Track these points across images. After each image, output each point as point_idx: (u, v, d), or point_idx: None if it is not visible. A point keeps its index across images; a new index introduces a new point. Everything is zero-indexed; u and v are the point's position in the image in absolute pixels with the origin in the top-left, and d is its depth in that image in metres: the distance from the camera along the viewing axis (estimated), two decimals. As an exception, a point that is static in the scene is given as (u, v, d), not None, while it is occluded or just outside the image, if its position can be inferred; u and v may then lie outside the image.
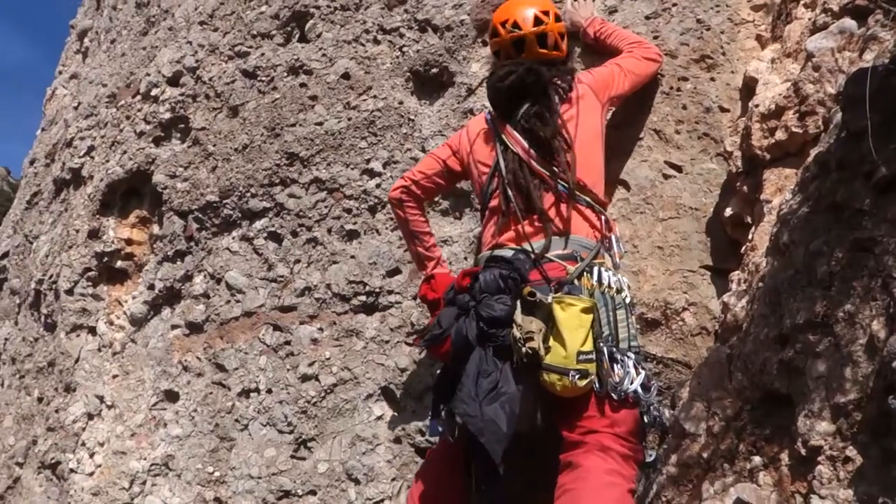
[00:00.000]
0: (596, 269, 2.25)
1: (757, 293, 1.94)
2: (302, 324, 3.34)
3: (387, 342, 3.12)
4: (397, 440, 2.96)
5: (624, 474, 2.00)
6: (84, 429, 3.87)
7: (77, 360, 4.12)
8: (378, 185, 3.33)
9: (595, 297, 2.17)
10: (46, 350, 4.44)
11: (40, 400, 4.34)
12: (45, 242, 4.93)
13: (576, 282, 2.20)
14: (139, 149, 4.24)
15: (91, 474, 3.71)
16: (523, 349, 2.04)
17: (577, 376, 2.03)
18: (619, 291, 2.24)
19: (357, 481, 2.96)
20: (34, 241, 5.25)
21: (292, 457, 3.14)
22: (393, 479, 2.90)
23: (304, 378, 3.22)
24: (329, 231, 3.41)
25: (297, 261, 3.45)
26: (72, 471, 3.78)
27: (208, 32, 4.14)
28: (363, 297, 3.22)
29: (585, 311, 2.09)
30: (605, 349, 2.11)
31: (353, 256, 3.31)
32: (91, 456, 3.75)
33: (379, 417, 3.03)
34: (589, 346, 2.07)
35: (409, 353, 3.04)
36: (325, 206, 3.45)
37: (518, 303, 2.12)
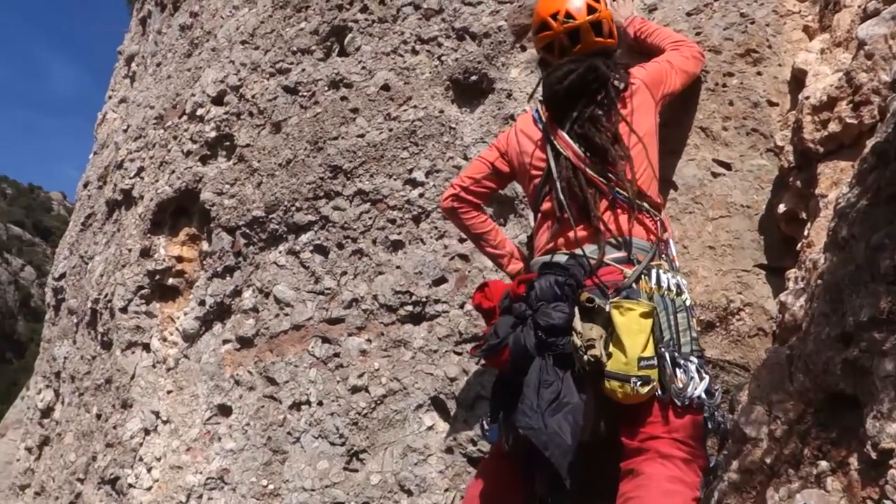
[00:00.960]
0: (654, 272, 2.19)
1: (816, 291, 1.87)
2: (350, 335, 3.36)
3: (435, 351, 3.10)
4: (449, 450, 2.94)
5: (686, 481, 1.94)
6: (141, 444, 3.95)
7: (133, 377, 4.21)
8: (421, 195, 3.33)
9: (654, 301, 2.12)
10: (103, 367, 4.55)
11: (99, 416, 4.44)
12: (100, 262, 5.07)
13: (634, 285, 2.15)
14: (187, 168, 4.33)
15: (149, 489, 3.79)
16: (585, 357, 1.98)
17: (638, 383, 1.98)
18: (678, 294, 2.18)
19: (410, 492, 2.95)
20: (89, 261, 5.40)
21: (345, 469, 3.15)
22: (446, 490, 2.88)
23: (354, 389, 3.23)
24: (374, 242, 3.42)
25: (344, 273, 3.47)
26: (130, 486, 3.86)
27: (250, 51, 4.22)
28: (410, 307, 3.22)
29: (645, 315, 2.04)
30: (667, 354, 2.06)
31: (398, 267, 3.31)
32: (148, 471, 3.83)
33: (430, 428, 3.02)
34: (650, 352, 2.02)
35: (458, 363, 3.02)
36: (370, 218, 3.46)
37: (576, 310, 2.07)
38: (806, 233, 2.21)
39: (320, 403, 3.32)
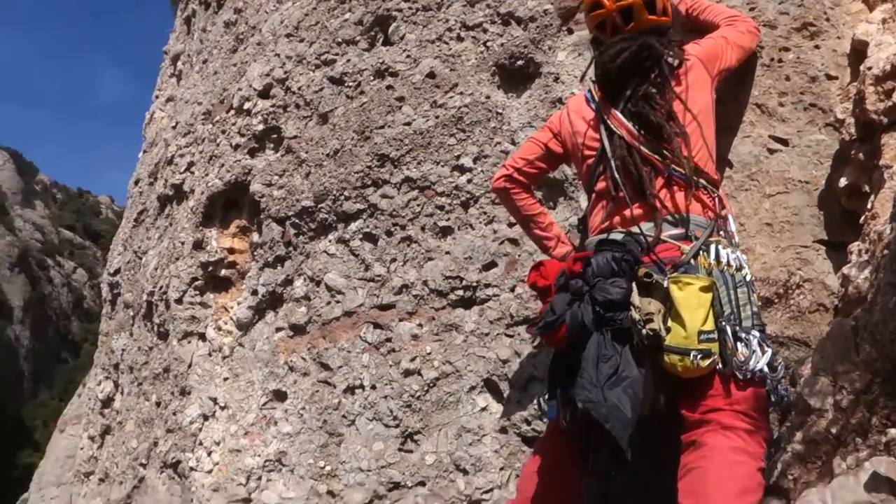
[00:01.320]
0: (713, 248, 2.18)
1: (882, 261, 1.85)
2: (401, 321, 3.40)
3: (486, 335, 3.13)
4: (503, 430, 2.96)
5: (750, 451, 1.93)
6: (201, 429, 4.05)
7: (190, 365, 4.32)
8: (469, 181, 3.35)
9: (714, 276, 2.11)
10: (161, 357, 4.68)
11: (158, 404, 4.57)
12: (154, 256, 5.20)
13: (692, 261, 2.14)
14: (236, 161, 4.41)
15: (210, 471, 3.89)
16: (644, 331, 1.98)
17: (698, 356, 1.97)
18: (739, 269, 2.16)
19: (465, 472, 2.98)
20: (143, 256, 5.54)
21: (399, 449, 3.19)
22: (501, 469, 2.91)
23: (407, 373, 3.27)
24: (423, 229, 3.45)
25: (394, 259, 3.51)
26: (192, 469, 3.97)
27: (295, 44, 4.28)
28: (460, 292, 3.25)
29: (704, 289, 2.03)
30: (727, 328, 2.05)
31: (448, 252, 3.34)
32: (209, 454, 3.93)
33: (483, 409, 3.04)
34: (710, 326, 2.01)
35: (510, 345, 3.04)
36: (418, 205, 3.49)
37: (634, 285, 2.07)
38: (870, 205, 2.18)
39: (374, 387, 3.37)
